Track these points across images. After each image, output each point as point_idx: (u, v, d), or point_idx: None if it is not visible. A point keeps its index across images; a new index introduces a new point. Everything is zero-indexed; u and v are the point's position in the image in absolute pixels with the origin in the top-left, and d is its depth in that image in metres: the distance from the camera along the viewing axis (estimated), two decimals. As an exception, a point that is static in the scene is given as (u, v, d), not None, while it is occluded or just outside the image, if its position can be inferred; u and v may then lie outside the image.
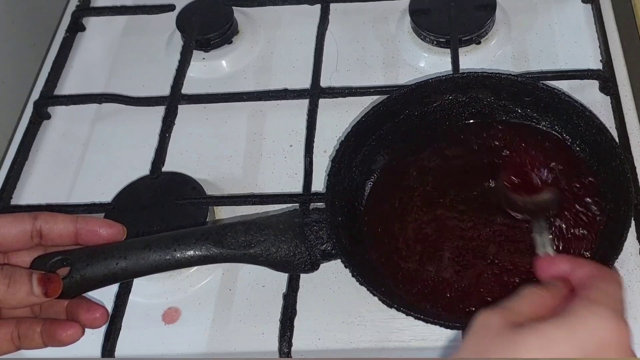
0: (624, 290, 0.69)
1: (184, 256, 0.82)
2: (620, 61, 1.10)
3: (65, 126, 1.17)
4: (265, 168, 1.07)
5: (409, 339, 0.89)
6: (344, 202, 0.93)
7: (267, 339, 0.91)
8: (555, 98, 0.94)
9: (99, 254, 0.80)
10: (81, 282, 0.79)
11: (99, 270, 0.79)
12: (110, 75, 1.24)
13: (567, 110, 0.93)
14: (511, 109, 0.99)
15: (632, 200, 0.85)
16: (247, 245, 0.84)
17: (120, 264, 0.80)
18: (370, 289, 0.82)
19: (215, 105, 1.14)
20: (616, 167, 0.88)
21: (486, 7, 1.15)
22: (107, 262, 0.79)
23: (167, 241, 0.82)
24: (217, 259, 0.84)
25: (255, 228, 0.85)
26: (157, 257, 0.81)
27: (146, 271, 0.82)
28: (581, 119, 0.92)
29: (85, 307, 0.79)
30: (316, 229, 0.86)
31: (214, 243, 0.83)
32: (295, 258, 0.85)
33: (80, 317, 0.79)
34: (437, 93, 0.99)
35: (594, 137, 0.91)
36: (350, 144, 0.95)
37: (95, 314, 0.79)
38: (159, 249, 0.81)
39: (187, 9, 1.24)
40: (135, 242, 0.82)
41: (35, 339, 0.78)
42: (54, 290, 0.75)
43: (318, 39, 1.17)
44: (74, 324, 0.79)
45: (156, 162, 1.05)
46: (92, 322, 0.80)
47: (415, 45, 1.17)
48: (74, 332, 0.78)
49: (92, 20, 1.31)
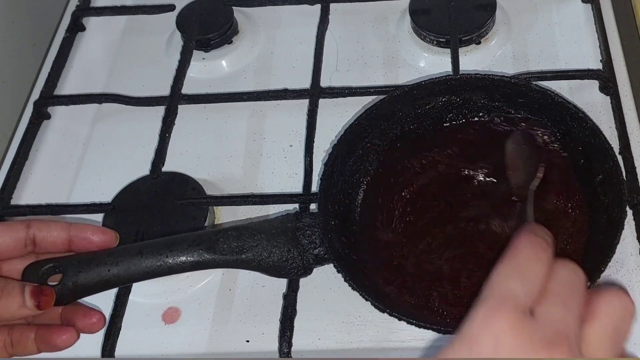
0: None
1: (176, 262, 0.82)
2: (620, 61, 1.10)
3: (65, 126, 1.17)
4: (265, 168, 1.07)
5: (409, 339, 0.89)
6: (337, 206, 0.93)
7: (267, 339, 0.91)
8: (548, 99, 0.94)
9: (90, 261, 0.80)
10: (73, 289, 0.79)
11: (91, 277, 0.79)
12: (110, 75, 1.24)
13: (561, 111, 0.93)
14: (505, 110, 0.98)
15: (625, 204, 0.84)
16: (239, 250, 0.84)
17: (113, 270, 0.80)
18: (363, 293, 0.82)
19: (215, 105, 1.14)
20: (610, 170, 0.87)
21: (486, 7, 1.15)
22: (99, 269, 0.80)
23: (159, 247, 0.82)
24: (210, 264, 0.84)
25: (247, 233, 0.85)
26: (149, 263, 0.81)
27: (138, 277, 0.82)
28: (575, 121, 0.92)
29: (82, 313, 0.80)
30: (309, 233, 0.86)
31: (206, 249, 0.83)
32: (287, 263, 0.85)
33: (77, 323, 0.79)
34: (431, 95, 0.99)
35: (588, 139, 0.91)
36: (343, 147, 0.95)
37: (92, 319, 0.80)
38: (151, 255, 0.81)
39: (187, 9, 1.24)
40: (127, 249, 0.82)
41: (28, 346, 0.78)
42: (46, 303, 0.75)
43: (318, 39, 1.17)
44: (69, 328, 0.79)
45: (156, 162, 1.05)
46: (90, 328, 0.80)
47: (415, 45, 1.17)
48: (69, 337, 0.78)
49: (92, 20, 1.31)
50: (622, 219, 0.83)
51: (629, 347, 0.87)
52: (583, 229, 0.90)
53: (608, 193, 0.88)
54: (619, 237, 0.81)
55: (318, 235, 0.86)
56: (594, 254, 0.85)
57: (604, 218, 0.87)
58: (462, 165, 0.98)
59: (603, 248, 0.82)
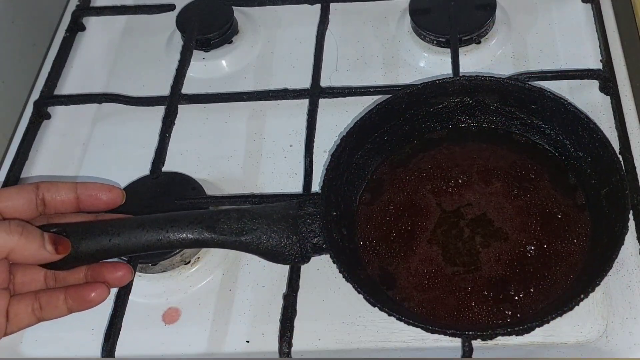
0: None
1: (175, 238, 0.83)
2: (620, 61, 1.10)
3: (65, 126, 1.17)
4: (265, 168, 1.07)
5: (409, 339, 0.89)
6: (340, 198, 0.93)
7: (267, 339, 0.91)
8: (561, 108, 0.93)
9: (93, 229, 0.81)
10: (75, 255, 0.80)
11: (92, 244, 0.80)
12: (110, 75, 1.24)
13: (572, 120, 0.93)
14: (517, 115, 0.98)
15: (627, 219, 0.84)
16: (239, 232, 0.84)
17: (114, 240, 0.81)
18: (356, 286, 0.82)
19: (215, 105, 1.14)
20: (616, 183, 0.87)
21: (486, 6, 1.15)
22: (101, 237, 0.81)
23: (160, 222, 0.83)
24: (208, 243, 0.84)
25: (248, 216, 0.86)
26: (150, 236, 0.82)
27: (138, 249, 0.83)
28: (585, 131, 0.91)
29: (109, 268, 0.82)
30: (309, 221, 0.86)
31: (206, 227, 0.83)
32: (286, 249, 0.86)
33: (106, 277, 0.81)
34: (444, 94, 0.98)
35: (597, 150, 0.90)
36: (351, 140, 0.94)
37: (119, 272, 0.82)
38: (151, 229, 0.82)
39: (187, 8, 1.24)
40: (130, 221, 0.83)
41: (59, 306, 0.80)
42: (64, 248, 0.77)
43: (318, 39, 1.17)
44: (99, 284, 0.81)
45: (156, 162, 1.05)
46: (119, 280, 0.82)
47: (415, 45, 1.17)
48: (101, 292, 0.80)
49: (92, 20, 1.32)
50: (623, 234, 0.82)
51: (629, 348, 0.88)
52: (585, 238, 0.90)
53: (612, 207, 0.88)
54: (617, 251, 0.81)
55: (318, 225, 0.86)
56: (593, 265, 0.85)
57: (606, 231, 0.87)
58: (470, 166, 0.98)
59: (601, 261, 0.82)
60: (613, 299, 0.90)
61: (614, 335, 0.88)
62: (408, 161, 0.99)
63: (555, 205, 0.93)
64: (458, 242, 0.91)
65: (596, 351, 0.87)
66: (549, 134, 0.97)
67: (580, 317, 0.88)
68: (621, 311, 0.89)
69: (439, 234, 0.92)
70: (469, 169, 0.97)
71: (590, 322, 0.88)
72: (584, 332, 0.88)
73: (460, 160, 0.98)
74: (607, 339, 0.87)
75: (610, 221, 0.87)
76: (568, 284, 0.87)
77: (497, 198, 0.94)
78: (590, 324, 0.88)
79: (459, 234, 0.92)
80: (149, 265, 0.96)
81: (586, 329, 0.88)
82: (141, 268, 0.96)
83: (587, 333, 0.88)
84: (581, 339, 0.87)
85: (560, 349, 0.87)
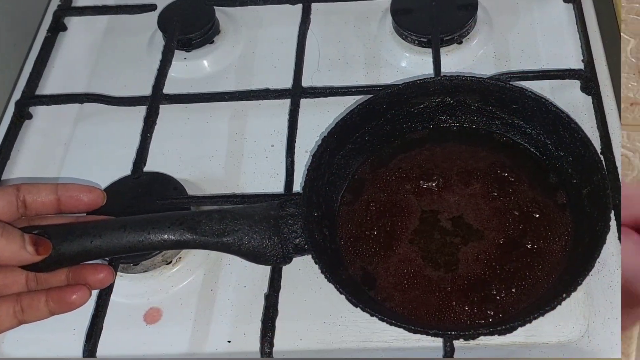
0: None
1: (157, 239, 0.82)
2: (601, 61, 1.11)
3: (47, 126, 1.17)
4: (246, 168, 1.07)
5: (391, 339, 0.89)
6: (322, 198, 0.93)
7: (249, 339, 0.91)
8: (542, 107, 0.93)
9: (75, 230, 0.81)
10: (57, 257, 0.79)
11: (74, 246, 0.80)
12: (92, 75, 1.23)
13: (554, 120, 0.93)
14: (498, 115, 0.98)
15: (609, 218, 0.84)
16: (220, 233, 0.84)
17: (95, 242, 0.81)
18: (338, 287, 0.82)
19: (197, 105, 1.14)
20: (597, 182, 0.87)
21: (468, 6, 1.16)
22: (82, 239, 0.80)
23: (142, 223, 0.83)
24: (190, 244, 0.84)
25: (230, 217, 0.85)
26: (132, 238, 0.82)
27: (120, 251, 0.82)
28: (567, 131, 0.92)
29: (90, 270, 0.81)
30: (291, 222, 0.86)
31: (187, 229, 0.83)
32: (267, 250, 0.85)
33: (87, 279, 0.81)
34: (425, 94, 0.98)
35: (578, 150, 0.91)
36: (333, 140, 0.94)
37: (100, 274, 0.81)
38: (133, 230, 0.82)
39: (168, 8, 1.24)
40: (112, 222, 0.83)
41: (40, 309, 0.79)
42: (44, 250, 0.77)
43: (299, 39, 1.17)
44: (80, 286, 0.80)
45: (138, 162, 1.05)
46: (100, 282, 0.82)
47: (397, 45, 1.17)
48: (82, 294, 0.80)
49: (74, 20, 1.31)
50: (605, 234, 0.82)
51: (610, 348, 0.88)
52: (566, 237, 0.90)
53: (594, 206, 0.88)
54: (599, 251, 0.81)
55: (300, 225, 0.86)
56: (574, 265, 0.85)
57: (587, 231, 0.87)
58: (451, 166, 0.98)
59: (583, 261, 0.82)
60: (595, 298, 0.90)
61: (596, 335, 0.88)
62: (389, 161, 0.99)
63: (536, 205, 0.93)
64: (439, 242, 0.91)
65: (578, 351, 0.87)
66: (530, 133, 0.97)
67: (562, 317, 0.88)
68: (603, 311, 0.89)
69: (420, 234, 0.92)
70: (449, 169, 0.97)
71: (572, 322, 0.88)
72: (566, 332, 0.88)
73: (441, 161, 0.98)
74: (589, 339, 0.88)
75: (592, 221, 0.87)
76: (550, 283, 0.87)
77: (478, 199, 0.94)
78: (572, 324, 0.88)
79: (440, 234, 0.92)
80: (131, 265, 0.96)
81: (568, 329, 0.88)
82: (122, 268, 0.96)
83: (568, 333, 0.88)
84: (563, 338, 0.88)
85: (542, 348, 0.87)
